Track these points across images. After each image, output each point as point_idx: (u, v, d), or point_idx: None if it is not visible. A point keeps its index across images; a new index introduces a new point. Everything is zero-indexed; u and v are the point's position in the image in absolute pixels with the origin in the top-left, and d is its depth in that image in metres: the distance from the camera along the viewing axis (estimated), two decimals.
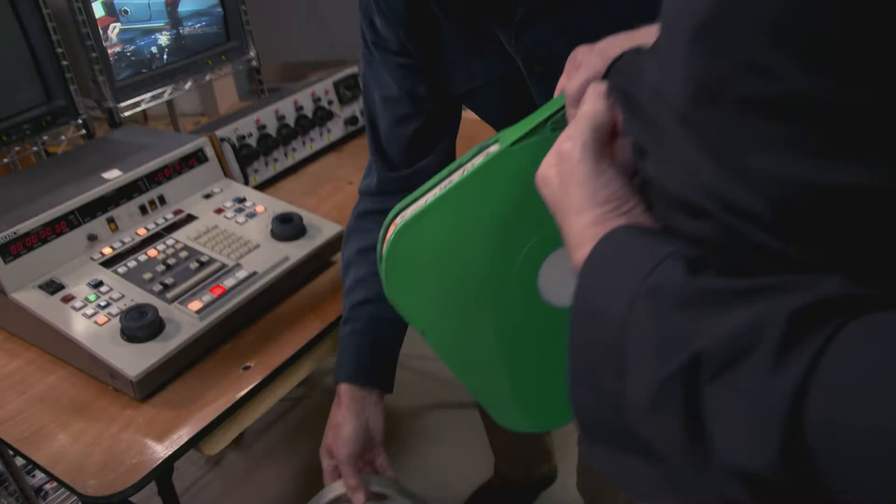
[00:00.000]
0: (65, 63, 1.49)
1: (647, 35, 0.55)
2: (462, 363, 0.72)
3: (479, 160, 0.65)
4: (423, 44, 1.00)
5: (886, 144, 0.30)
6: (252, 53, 1.87)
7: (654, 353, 0.36)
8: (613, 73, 0.53)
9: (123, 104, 1.59)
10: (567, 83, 0.58)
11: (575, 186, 0.47)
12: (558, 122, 0.62)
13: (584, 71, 0.56)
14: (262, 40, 1.92)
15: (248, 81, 2.09)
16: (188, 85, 1.73)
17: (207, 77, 1.77)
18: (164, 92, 1.68)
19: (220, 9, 1.77)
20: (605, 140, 0.49)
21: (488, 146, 0.66)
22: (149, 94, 1.65)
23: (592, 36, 0.91)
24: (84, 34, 1.51)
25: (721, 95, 0.35)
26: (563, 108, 0.60)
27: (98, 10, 1.54)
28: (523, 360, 0.73)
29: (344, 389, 0.98)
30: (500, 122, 1.08)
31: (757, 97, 0.33)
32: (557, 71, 0.94)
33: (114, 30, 1.58)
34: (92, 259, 1.11)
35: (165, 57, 1.68)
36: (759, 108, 0.34)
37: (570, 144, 0.49)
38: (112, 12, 1.57)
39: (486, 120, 1.10)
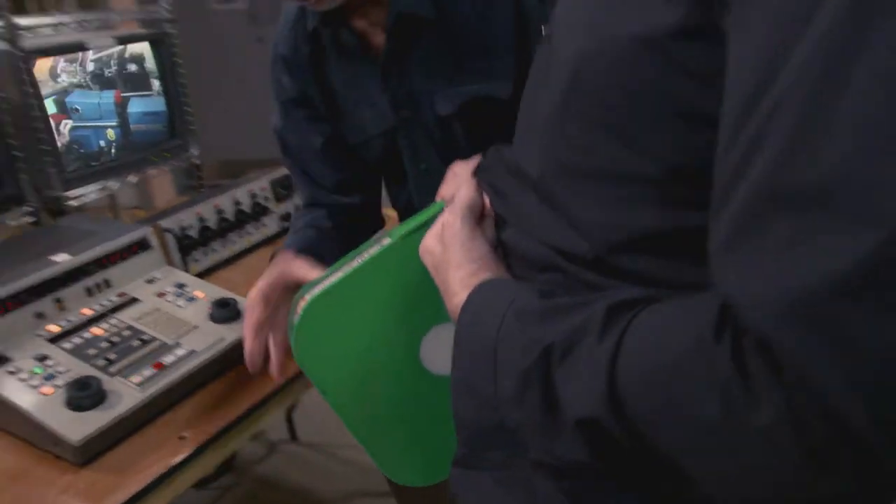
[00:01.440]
0: (16, 154, 1.59)
1: None
2: (357, 421, 0.86)
3: (374, 250, 0.81)
4: (326, 96, 1.21)
5: (679, 197, 0.46)
6: (195, 151, 2.00)
7: (518, 353, 0.50)
8: (479, 169, 0.69)
9: (71, 194, 1.69)
10: (446, 190, 0.73)
11: (455, 247, 0.63)
12: None
13: (457, 181, 0.72)
14: (202, 138, 2.06)
15: (188, 177, 2.21)
16: (133, 179, 1.84)
17: (151, 172, 1.88)
18: (109, 185, 1.78)
19: (165, 109, 1.91)
20: (477, 217, 0.65)
21: (381, 239, 0.83)
22: (95, 187, 1.75)
23: (449, 68, 1.14)
24: (36, 128, 1.61)
25: (562, 167, 0.52)
26: (442, 210, 0.75)
27: (51, 107, 1.66)
28: (411, 420, 0.87)
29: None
30: (391, 176, 1.28)
31: (584, 168, 0.50)
32: (422, 113, 1.16)
33: (65, 126, 1.69)
34: (38, 335, 1.19)
35: (113, 152, 1.80)
36: (586, 176, 0.50)
37: (452, 217, 0.65)
38: (63, 110, 1.68)
39: (382, 174, 1.31)
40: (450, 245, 0.63)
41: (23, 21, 1.62)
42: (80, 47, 1.67)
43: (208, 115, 3.79)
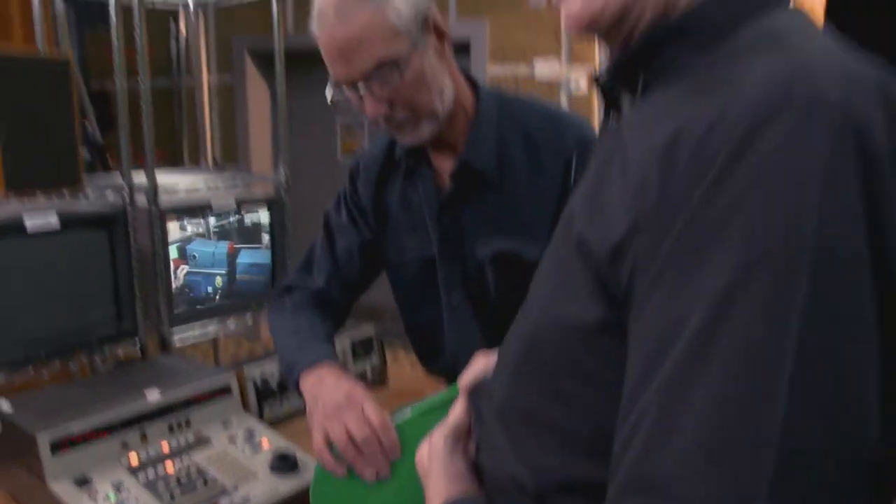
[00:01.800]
0: (137, 294, 1.83)
1: None
2: None
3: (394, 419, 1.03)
4: (379, 210, 1.42)
5: (606, 453, 0.55)
6: None
7: None
8: (472, 392, 0.81)
9: (176, 331, 1.91)
10: (463, 378, 0.86)
11: (436, 461, 0.77)
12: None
13: (470, 374, 0.84)
14: None
15: None
16: (232, 324, 2.05)
17: (250, 320, 2.10)
18: (211, 328, 2.00)
19: (270, 262, 2.14)
20: (462, 437, 0.79)
21: (404, 410, 1.02)
22: (198, 327, 1.97)
23: (495, 221, 1.30)
24: (158, 272, 1.86)
25: (516, 409, 0.64)
26: (455, 396, 0.88)
27: (173, 253, 1.91)
28: None
29: (325, 369, 1.26)
30: (410, 304, 1.47)
31: (532, 416, 0.62)
32: (463, 252, 1.32)
33: (182, 271, 1.94)
34: (120, 464, 1.35)
35: (217, 298, 2.02)
36: (532, 423, 0.62)
37: (438, 438, 0.79)
38: (184, 256, 1.94)
39: (401, 300, 1.49)
40: (433, 458, 0.77)
41: (161, 179, 1.90)
42: (207, 208, 1.94)
43: None
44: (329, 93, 1.23)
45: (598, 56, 3.44)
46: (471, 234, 1.34)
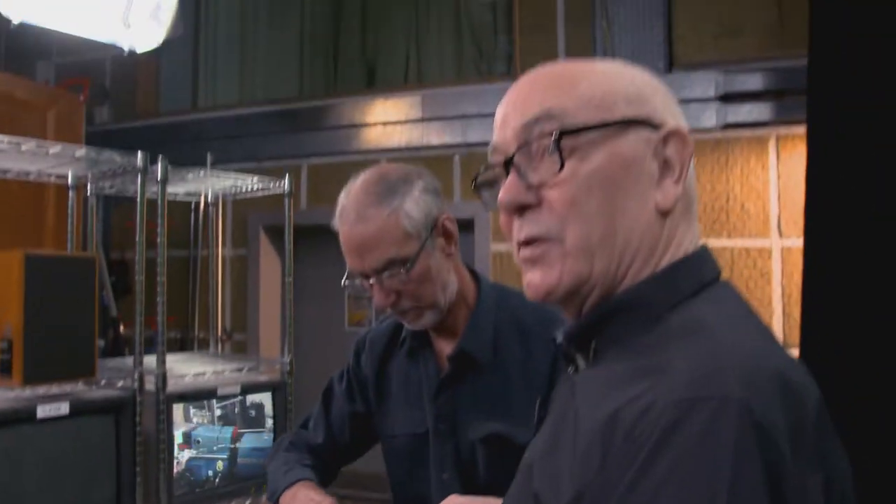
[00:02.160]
0: (138, 479, 1.88)
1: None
2: None
3: None
4: (381, 384, 1.50)
5: None
6: None
7: None
8: None
9: None
10: None
11: None
12: None
13: None
14: None
15: None
16: None
17: (248, 502, 2.13)
18: None
19: (272, 435, 2.19)
20: None
21: None
22: None
23: (489, 404, 1.37)
24: (161, 458, 1.92)
25: None
26: None
27: (178, 438, 1.98)
28: None
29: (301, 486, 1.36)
30: (399, 478, 1.53)
31: None
32: (456, 431, 1.38)
33: (184, 455, 2.00)
34: None
35: (217, 481, 2.07)
36: None
37: None
38: (188, 441, 2.00)
39: (392, 473, 1.54)
40: None
41: (170, 363, 2.01)
42: (213, 394, 2.03)
43: None
44: (344, 279, 1.36)
45: None
46: (464, 415, 1.41)
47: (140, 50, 3.05)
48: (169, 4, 3.19)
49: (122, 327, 3.93)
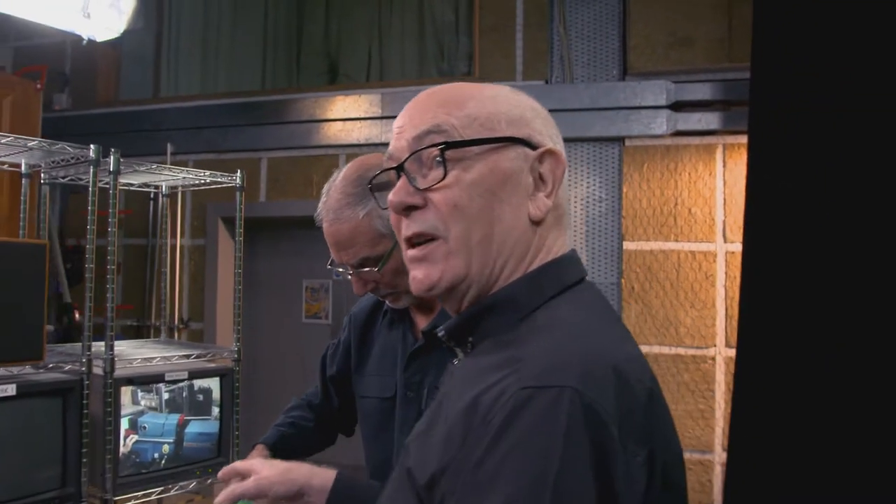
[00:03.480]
0: (84, 460, 1.93)
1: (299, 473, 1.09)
2: None
3: None
4: (363, 349, 1.63)
5: None
6: None
7: None
8: None
9: (120, 497, 1.99)
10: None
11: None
12: None
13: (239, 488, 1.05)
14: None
15: None
16: (175, 489, 2.14)
17: (192, 484, 2.18)
18: (153, 492, 2.08)
19: (217, 432, 2.25)
20: None
21: None
22: (141, 492, 2.05)
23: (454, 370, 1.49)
24: (107, 441, 1.97)
25: None
26: None
27: (124, 424, 2.02)
28: None
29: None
30: (368, 440, 1.65)
31: None
32: (421, 399, 1.49)
33: (130, 439, 2.04)
34: None
35: (163, 463, 2.12)
36: None
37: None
38: (134, 427, 2.05)
39: (363, 432, 1.66)
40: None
41: (120, 348, 2.05)
42: (160, 379, 2.07)
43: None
44: (328, 263, 1.44)
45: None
46: (430, 385, 1.49)
47: (99, 39, 3.05)
48: None
49: (76, 314, 3.93)
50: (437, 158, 0.79)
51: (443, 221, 0.79)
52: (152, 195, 4.16)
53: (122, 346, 2.07)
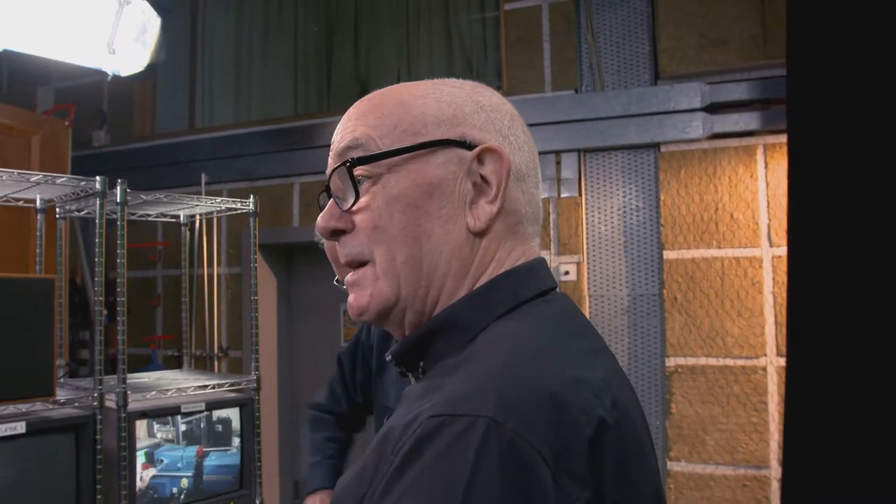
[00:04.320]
0: (99, 497, 1.89)
1: None
2: None
3: None
4: (380, 358, 1.69)
5: None
6: (258, 501, 2.25)
7: None
8: None
9: None
10: None
11: None
12: None
13: None
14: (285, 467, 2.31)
15: None
16: None
17: None
18: None
19: (239, 464, 2.20)
20: None
21: None
22: None
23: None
24: (123, 476, 1.93)
25: None
26: None
27: (141, 458, 1.99)
28: None
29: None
30: None
31: None
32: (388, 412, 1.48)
33: (148, 473, 2.01)
34: None
35: (182, 498, 2.08)
36: None
37: None
38: (151, 461, 2.01)
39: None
40: None
41: (133, 380, 2.02)
42: (176, 411, 2.04)
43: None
44: (335, 280, 1.53)
45: (586, 247, 3.61)
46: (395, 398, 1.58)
47: (124, 74, 3.09)
48: (153, 28, 3.23)
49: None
50: (350, 178, 0.72)
51: (367, 244, 0.72)
52: (183, 225, 4.19)
53: (141, 378, 2.04)
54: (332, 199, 0.75)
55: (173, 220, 2.81)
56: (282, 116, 4.61)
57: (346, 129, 0.75)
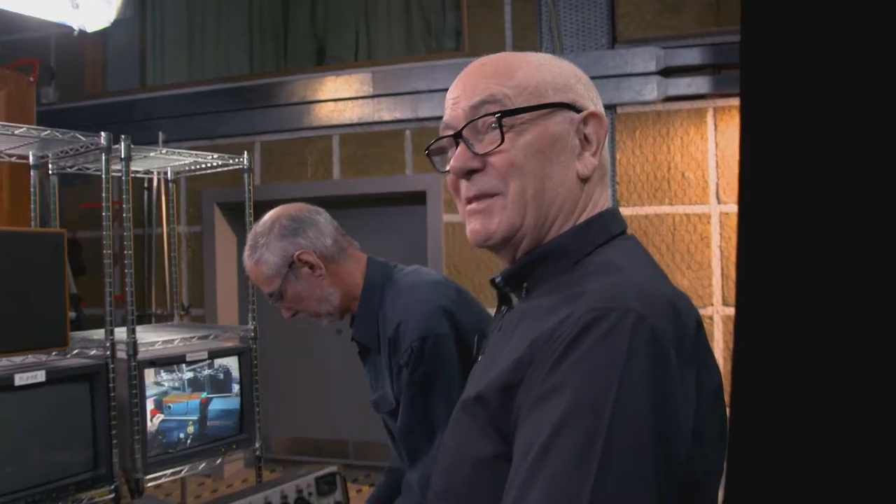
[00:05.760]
0: (115, 441, 1.96)
1: None
2: None
3: None
4: None
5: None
6: (257, 444, 2.35)
7: None
8: None
9: (150, 476, 2.03)
10: None
11: None
12: None
13: None
14: (270, 419, 2.41)
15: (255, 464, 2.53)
16: (202, 466, 2.18)
17: (218, 461, 2.22)
18: (181, 470, 2.12)
19: (239, 408, 2.29)
20: None
21: None
22: (170, 471, 2.09)
23: (378, 374, 1.62)
24: (136, 422, 2.00)
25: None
26: None
27: (150, 405, 2.06)
28: None
29: None
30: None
31: None
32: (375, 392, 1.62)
33: (157, 419, 2.08)
34: None
35: (189, 442, 2.16)
36: None
37: None
38: (160, 407, 2.08)
39: None
40: None
41: (140, 335, 2.08)
42: (182, 360, 2.11)
43: (292, 396, 4.21)
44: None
45: None
46: (373, 383, 1.68)
47: (90, 30, 3.04)
48: None
49: (81, 306, 3.94)
50: (494, 125, 0.85)
51: (502, 179, 0.86)
52: (146, 184, 4.16)
53: (139, 331, 2.10)
54: (460, 145, 0.87)
55: (143, 175, 2.81)
56: (238, 75, 4.58)
57: (478, 86, 0.88)
